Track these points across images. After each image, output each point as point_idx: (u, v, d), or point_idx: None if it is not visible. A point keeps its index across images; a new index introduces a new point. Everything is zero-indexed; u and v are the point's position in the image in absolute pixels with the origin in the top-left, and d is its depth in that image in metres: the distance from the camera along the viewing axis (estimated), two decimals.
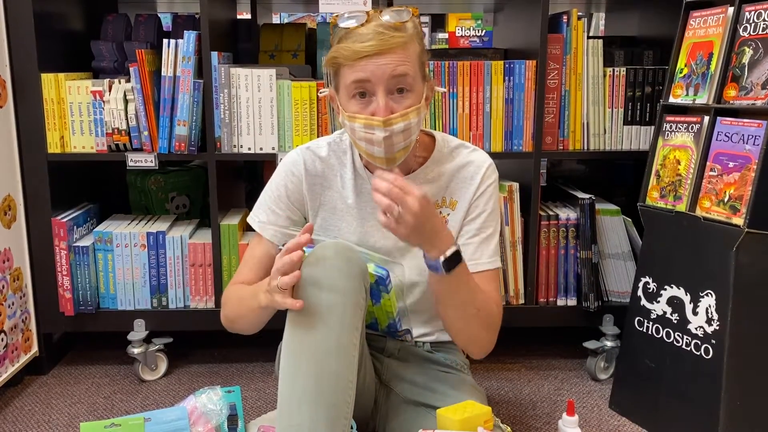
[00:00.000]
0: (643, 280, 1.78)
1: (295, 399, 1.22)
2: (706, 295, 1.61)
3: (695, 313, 1.64)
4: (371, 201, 1.44)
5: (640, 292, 1.79)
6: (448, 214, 1.50)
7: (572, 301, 2.03)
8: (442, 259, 1.29)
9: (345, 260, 1.29)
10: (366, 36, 1.30)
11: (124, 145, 1.95)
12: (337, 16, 1.35)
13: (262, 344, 2.21)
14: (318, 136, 1.92)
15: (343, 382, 1.24)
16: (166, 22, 2.46)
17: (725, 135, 1.61)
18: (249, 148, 1.94)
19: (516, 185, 1.98)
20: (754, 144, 1.53)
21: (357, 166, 1.51)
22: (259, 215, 1.53)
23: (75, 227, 2.00)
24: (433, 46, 4.18)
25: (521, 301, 2.03)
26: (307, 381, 1.23)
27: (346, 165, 1.51)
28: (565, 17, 1.93)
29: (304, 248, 1.29)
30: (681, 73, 1.76)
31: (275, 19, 3.63)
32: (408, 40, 1.33)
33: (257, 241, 1.54)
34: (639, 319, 1.78)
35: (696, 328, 1.63)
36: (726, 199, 1.58)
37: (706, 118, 1.66)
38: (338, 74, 1.36)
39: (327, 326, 1.25)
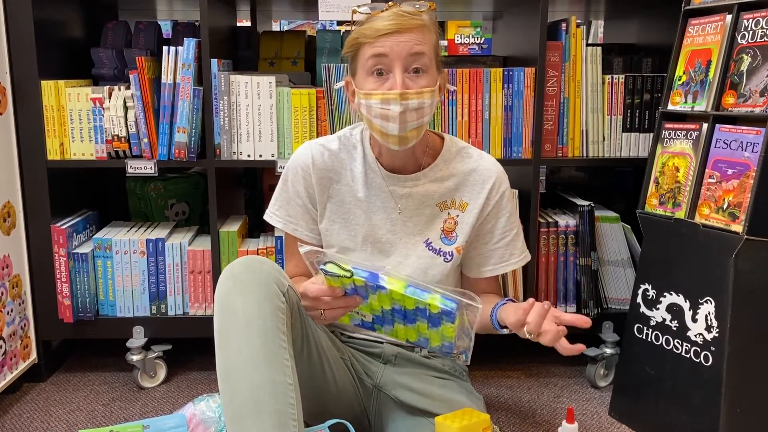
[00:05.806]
0: (643, 287, 1.78)
1: (237, 416, 1.23)
2: (706, 302, 1.61)
3: (695, 320, 1.64)
4: (381, 194, 1.52)
5: (639, 299, 1.79)
6: (457, 216, 1.54)
7: (572, 308, 2.03)
8: None
9: (253, 271, 1.32)
10: (386, 17, 1.38)
11: (124, 152, 1.95)
12: (355, 10, 1.43)
13: None
14: None
15: (281, 387, 1.24)
16: (166, 29, 2.47)
17: (724, 142, 1.61)
18: (248, 155, 1.95)
19: (515, 192, 1.98)
20: (752, 151, 1.54)
21: (368, 159, 1.54)
22: (281, 216, 1.57)
23: (74, 234, 2.00)
24: None
25: None
26: (244, 395, 1.23)
27: (356, 159, 1.54)
28: (563, 25, 1.94)
29: (320, 268, 1.27)
30: (680, 80, 1.76)
31: (275, 27, 3.64)
32: (426, 25, 1.40)
33: (292, 239, 1.58)
34: (638, 326, 1.78)
35: (695, 335, 1.63)
36: (725, 206, 1.58)
37: (705, 126, 1.66)
38: (357, 56, 1.42)
39: (251, 338, 1.26)
